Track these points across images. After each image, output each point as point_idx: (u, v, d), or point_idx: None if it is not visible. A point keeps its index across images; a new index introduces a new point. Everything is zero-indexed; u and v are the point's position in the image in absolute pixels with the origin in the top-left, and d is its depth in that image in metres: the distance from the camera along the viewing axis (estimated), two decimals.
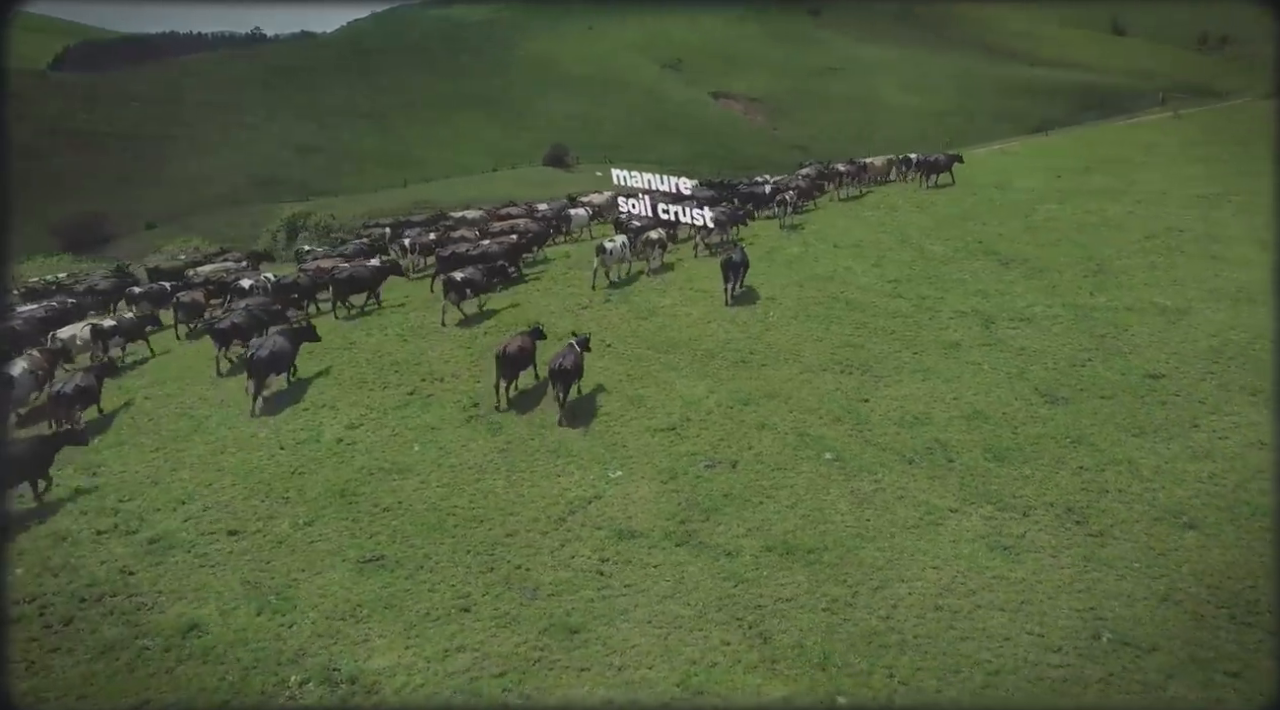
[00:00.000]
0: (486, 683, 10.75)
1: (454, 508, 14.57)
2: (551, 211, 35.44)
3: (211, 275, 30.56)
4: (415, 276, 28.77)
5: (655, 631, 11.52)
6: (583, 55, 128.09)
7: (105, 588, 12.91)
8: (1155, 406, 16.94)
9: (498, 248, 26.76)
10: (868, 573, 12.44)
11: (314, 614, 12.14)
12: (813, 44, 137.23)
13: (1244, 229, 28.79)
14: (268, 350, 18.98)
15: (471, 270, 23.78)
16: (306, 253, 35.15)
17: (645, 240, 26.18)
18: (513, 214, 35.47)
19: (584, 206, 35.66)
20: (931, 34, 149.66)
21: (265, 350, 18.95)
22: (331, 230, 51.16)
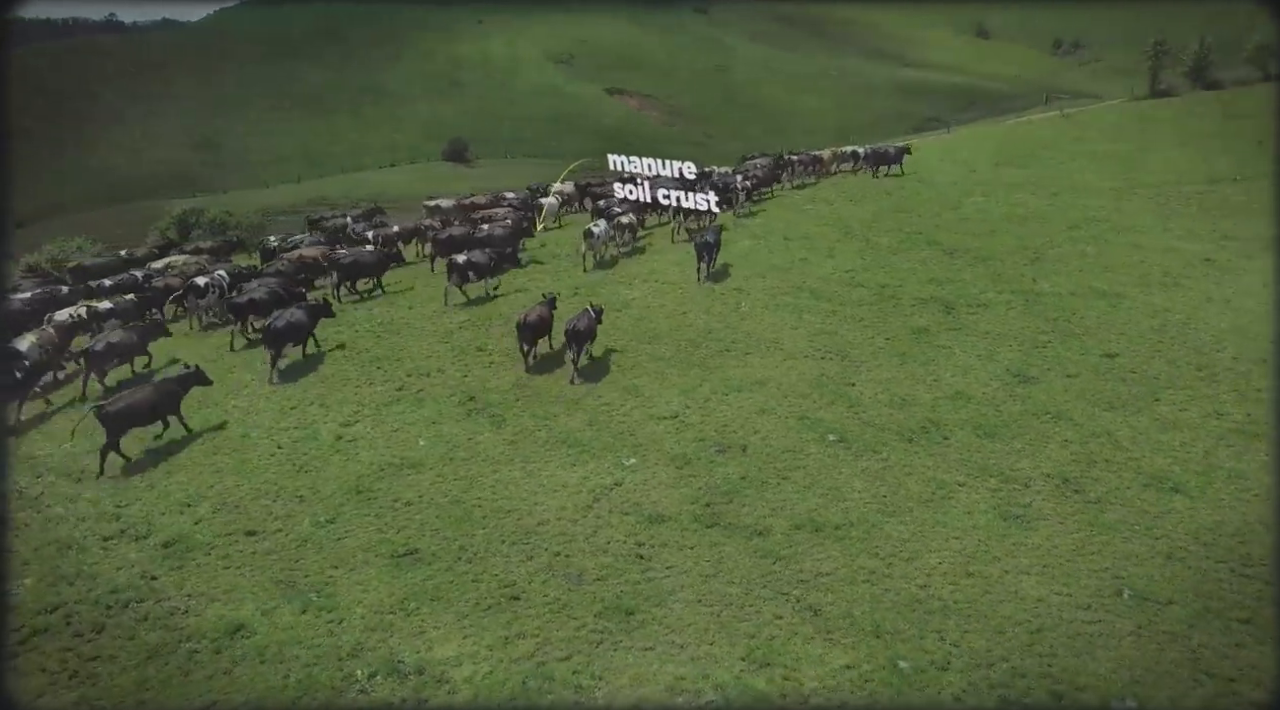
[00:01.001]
0: (554, 666, 10.81)
1: (477, 500, 14.51)
2: (519, 200, 36.03)
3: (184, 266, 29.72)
4: None
5: (707, 610, 11.76)
6: (475, 49, 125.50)
7: (130, 593, 12.44)
8: (1117, 383, 18.03)
9: (500, 232, 27.21)
10: (896, 545, 12.96)
11: (360, 610, 11.98)
12: (701, 42, 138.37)
13: (1154, 218, 30.74)
14: (284, 321, 19.74)
15: (477, 253, 24.14)
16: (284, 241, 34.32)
17: (616, 224, 27.18)
18: (478, 203, 35.39)
19: (555, 195, 36.24)
20: (813, 35, 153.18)
21: (282, 321, 19.72)
22: (228, 227, 49.40)
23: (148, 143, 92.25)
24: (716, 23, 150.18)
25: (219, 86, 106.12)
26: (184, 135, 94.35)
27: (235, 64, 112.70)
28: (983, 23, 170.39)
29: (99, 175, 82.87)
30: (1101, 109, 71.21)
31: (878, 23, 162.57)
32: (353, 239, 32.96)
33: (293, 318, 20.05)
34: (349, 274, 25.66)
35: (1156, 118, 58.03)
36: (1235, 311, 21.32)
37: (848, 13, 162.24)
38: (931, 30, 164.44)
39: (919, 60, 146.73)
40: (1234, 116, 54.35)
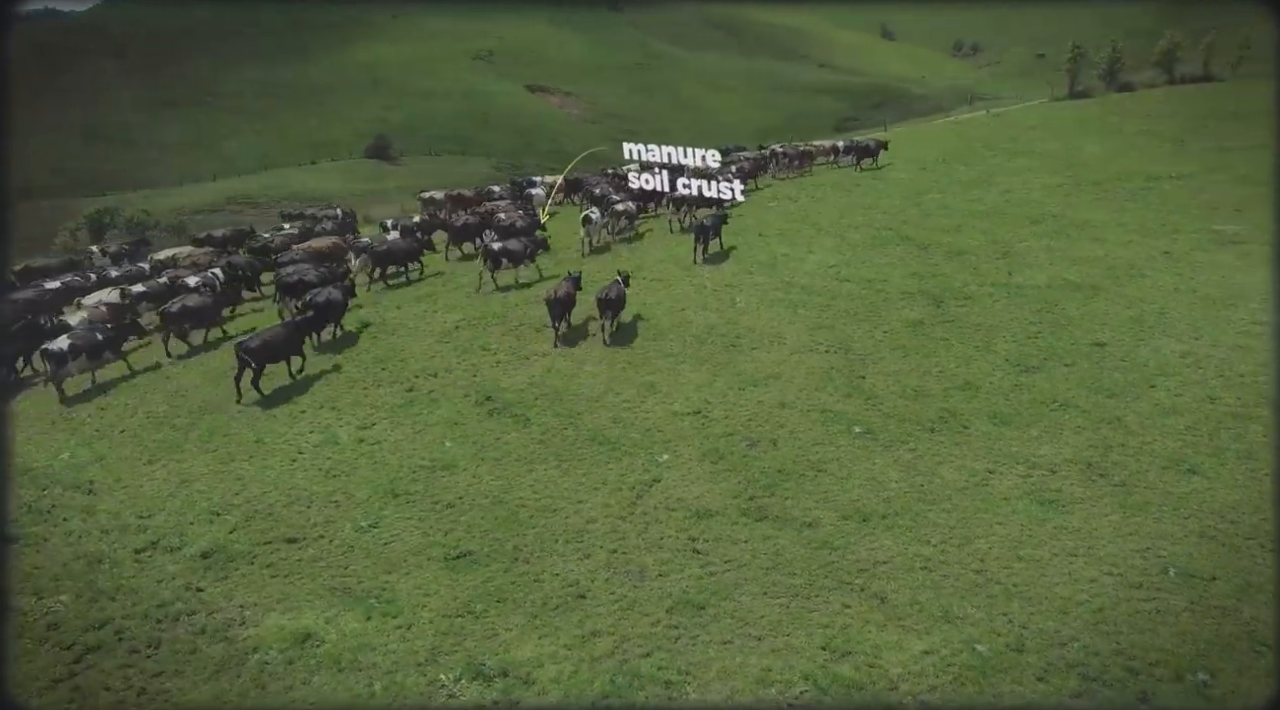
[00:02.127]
0: (638, 663, 10.72)
1: (520, 500, 14.31)
2: (506, 193, 36.60)
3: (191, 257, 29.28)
4: None
5: (776, 602, 11.80)
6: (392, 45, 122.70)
7: (179, 606, 11.94)
8: (1112, 371, 18.62)
9: (523, 222, 27.97)
10: (944, 532, 13.18)
11: (426, 614, 11.70)
12: (619, 41, 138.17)
13: (1105, 213, 31.78)
14: (324, 298, 20.91)
15: (512, 241, 25.20)
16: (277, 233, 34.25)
17: (613, 212, 28.35)
18: (465, 196, 35.84)
19: (540, 186, 36.73)
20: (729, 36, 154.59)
21: (322, 297, 20.88)
22: (146, 227, 47.66)
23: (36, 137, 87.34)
24: (633, 22, 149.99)
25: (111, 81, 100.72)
26: (76, 131, 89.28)
27: (127, 58, 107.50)
28: (886, 24, 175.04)
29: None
30: (1025, 109, 73.42)
31: (790, 24, 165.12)
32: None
33: (330, 296, 21.14)
34: (382, 261, 26.29)
35: (1081, 118, 60.07)
36: (1205, 301, 22.17)
37: (761, 14, 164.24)
38: (840, 31, 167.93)
39: (831, 61, 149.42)
40: (1152, 117, 56.72)
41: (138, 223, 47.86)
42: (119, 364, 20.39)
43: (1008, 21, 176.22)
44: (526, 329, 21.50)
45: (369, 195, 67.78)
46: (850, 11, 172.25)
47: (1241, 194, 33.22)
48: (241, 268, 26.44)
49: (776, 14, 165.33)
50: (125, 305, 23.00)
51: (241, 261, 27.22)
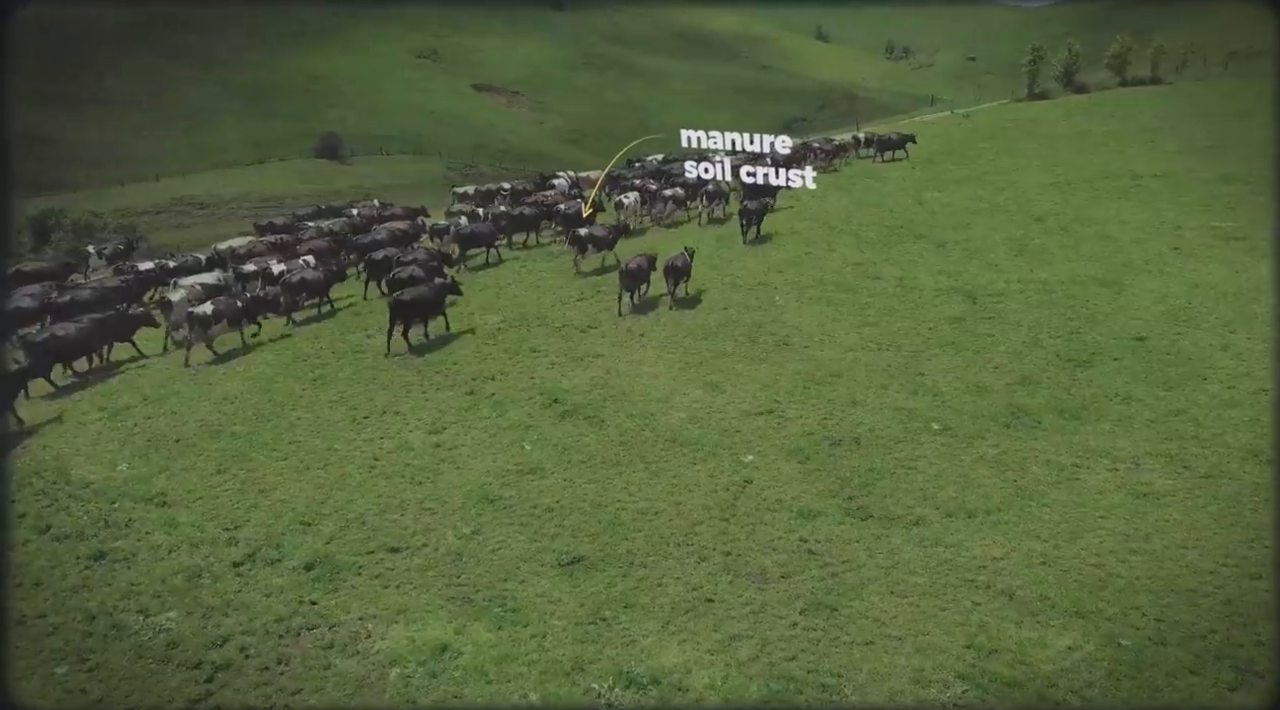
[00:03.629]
0: (786, 667, 10.55)
1: (617, 503, 14.03)
2: (533, 186, 37.49)
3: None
4: None
5: (906, 601, 11.69)
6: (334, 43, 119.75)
7: (298, 621, 11.47)
8: (1161, 365, 18.83)
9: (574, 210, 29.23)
10: (1051, 528, 13.17)
11: (557, 621, 11.39)
12: (563, 41, 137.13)
13: (1104, 210, 32.28)
14: (410, 295, 20.51)
15: (598, 227, 26.51)
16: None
17: (654, 195, 31.48)
18: (504, 189, 37.12)
19: (564, 177, 37.98)
20: (674, 37, 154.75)
21: (408, 295, 20.49)
22: (95, 229, 45.83)
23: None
24: (576, 23, 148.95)
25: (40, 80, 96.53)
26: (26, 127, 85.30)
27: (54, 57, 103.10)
28: (821, 26, 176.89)
29: None
30: (990, 111, 74.48)
31: (730, 26, 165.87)
32: None
33: (417, 294, 20.80)
34: (467, 244, 27.28)
35: (1048, 119, 61.09)
36: (1226, 296, 22.51)
37: (702, 16, 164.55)
38: (778, 34, 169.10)
39: (772, 63, 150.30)
40: (1117, 118, 57.94)
41: (85, 225, 45.87)
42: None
43: (934, 25, 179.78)
44: (570, 330, 21.16)
45: (322, 196, 65.95)
46: (787, 14, 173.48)
47: (1229, 192, 33.99)
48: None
49: (716, 16, 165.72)
50: (222, 286, 23.48)
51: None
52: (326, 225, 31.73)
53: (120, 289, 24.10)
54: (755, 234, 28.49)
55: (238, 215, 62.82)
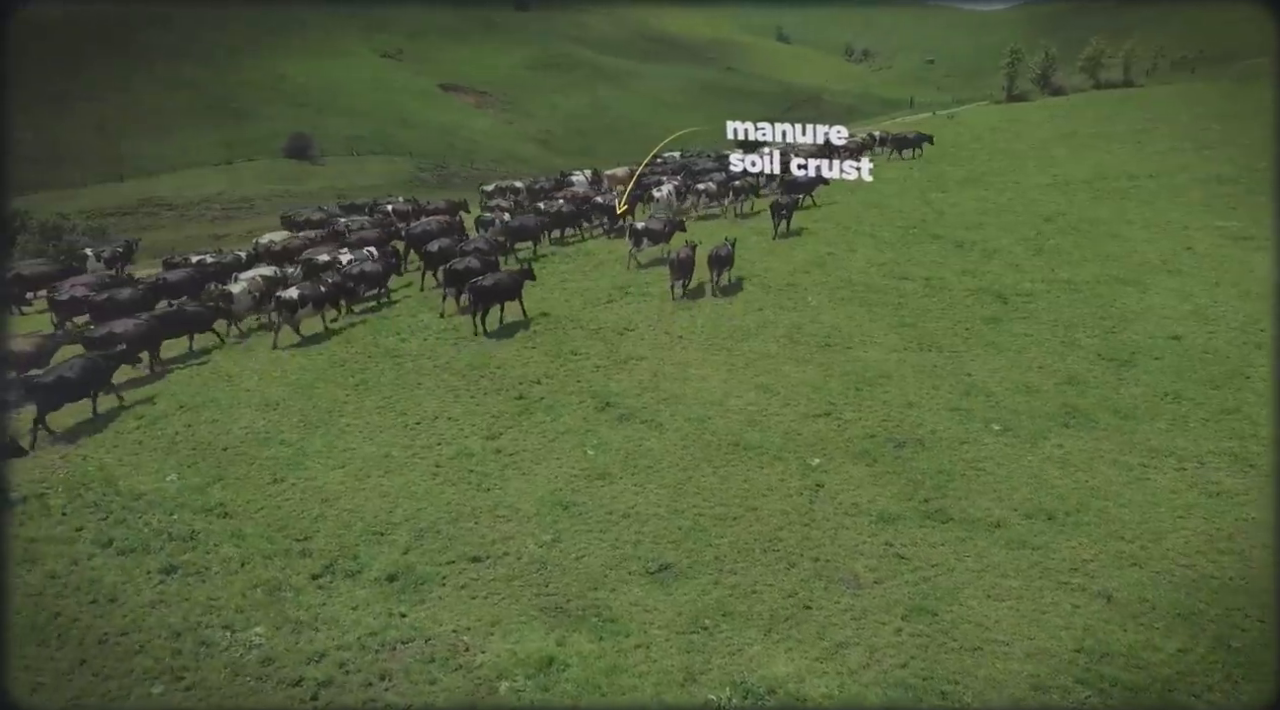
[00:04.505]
0: (898, 674, 10.37)
1: (694, 508, 13.78)
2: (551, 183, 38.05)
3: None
4: None
5: (1003, 605, 11.56)
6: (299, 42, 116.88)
7: (391, 634, 11.10)
8: (1202, 364, 18.91)
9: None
10: (1133, 528, 13.11)
11: (657, 631, 11.12)
12: (528, 40, 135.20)
13: (1108, 211, 32.57)
14: (491, 281, 21.13)
15: (654, 221, 26.89)
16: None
17: (690, 189, 32.32)
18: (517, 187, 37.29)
19: (581, 174, 38.36)
20: (638, 38, 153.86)
21: (489, 281, 21.09)
22: (63, 231, 44.64)
23: None
24: (541, 22, 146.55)
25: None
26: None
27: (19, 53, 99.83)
28: (781, 28, 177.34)
29: None
30: (971, 113, 75.03)
31: (697, 27, 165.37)
32: None
33: (497, 279, 21.46)
34: (515, 237, 27.66)
35: (1033, 121, 61.67)
36: (1248, 295, 22.68)
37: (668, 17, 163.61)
38: (741, 35, 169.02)
39: (736, 64, 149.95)
40: (1099, 119, 58.67)
41: (53, 227, 44.62)
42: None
43: (892, 28, 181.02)
44: (607, 332, 20.86)
45: (294, 196, 64.75)
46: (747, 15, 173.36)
47: (1226, 192, 34.48)
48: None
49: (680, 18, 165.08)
50: (278, 279, 23.32)
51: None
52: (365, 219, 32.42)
53: (182, 283, 23.90)
54: (785, 228, 28.87)
55: (207, 216, 61.42)
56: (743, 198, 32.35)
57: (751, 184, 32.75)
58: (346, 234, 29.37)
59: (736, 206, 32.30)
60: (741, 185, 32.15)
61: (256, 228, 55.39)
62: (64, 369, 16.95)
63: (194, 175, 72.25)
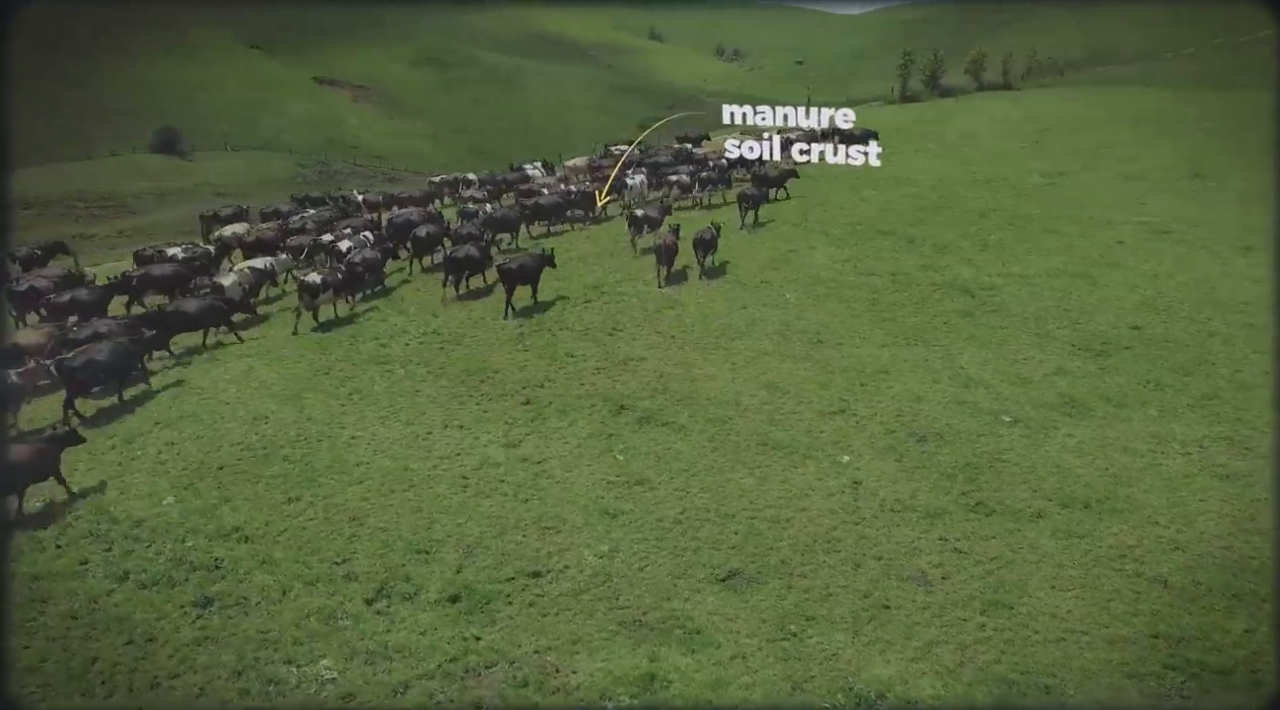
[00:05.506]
0: (996, 670, 10.39)
1: (744, 511, 13.53)
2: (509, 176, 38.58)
3: None
4: None
5: (1068, 595, 11.74)
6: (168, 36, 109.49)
7: (471, 659, 10.49)
8: (1167, 352, 19.60)
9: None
10: (1164, 513, 13.48)
11: (746, 640, 10.83)
12: (407, 35, 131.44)
13: (1035, 206, 33.73)
14: (517, 264, 21.44)
15: (651, 208, 27.25)
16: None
17: (667, 181, 32.26)
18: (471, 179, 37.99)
19: (532, 166, 39.35)
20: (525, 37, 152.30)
21: (515, 264, 21.44)
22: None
23: None
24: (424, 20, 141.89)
25: None
26: None
27: None
28: (654, 27, 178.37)
29: None
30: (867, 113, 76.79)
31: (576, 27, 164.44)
32: None
33: (523, 261, 21.83)
34: (497, 228, 27.32)
35: (930, 120, 63.54)
36: (1185, 286, 23.71)
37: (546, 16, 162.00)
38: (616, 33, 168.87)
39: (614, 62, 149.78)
40: (995, 120, 60.99)
41: None
42: None
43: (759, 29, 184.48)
44: (596, 333, 20.35)
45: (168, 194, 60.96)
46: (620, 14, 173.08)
47: (1135, 190, 36.24)
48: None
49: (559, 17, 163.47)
50: (268, 271, 23.59)
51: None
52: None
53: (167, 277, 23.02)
54: (754, 219, 29.11)
55: (70, 215, 57.16)
56: (710, 189, 32.57)
57: (721, 176, 32.97)
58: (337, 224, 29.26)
59: (704, 198, 32.68)
60: (708, 177, 32.41)
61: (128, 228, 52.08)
62: (93, 352, 16.47)
63: (50, 171, 66.30)
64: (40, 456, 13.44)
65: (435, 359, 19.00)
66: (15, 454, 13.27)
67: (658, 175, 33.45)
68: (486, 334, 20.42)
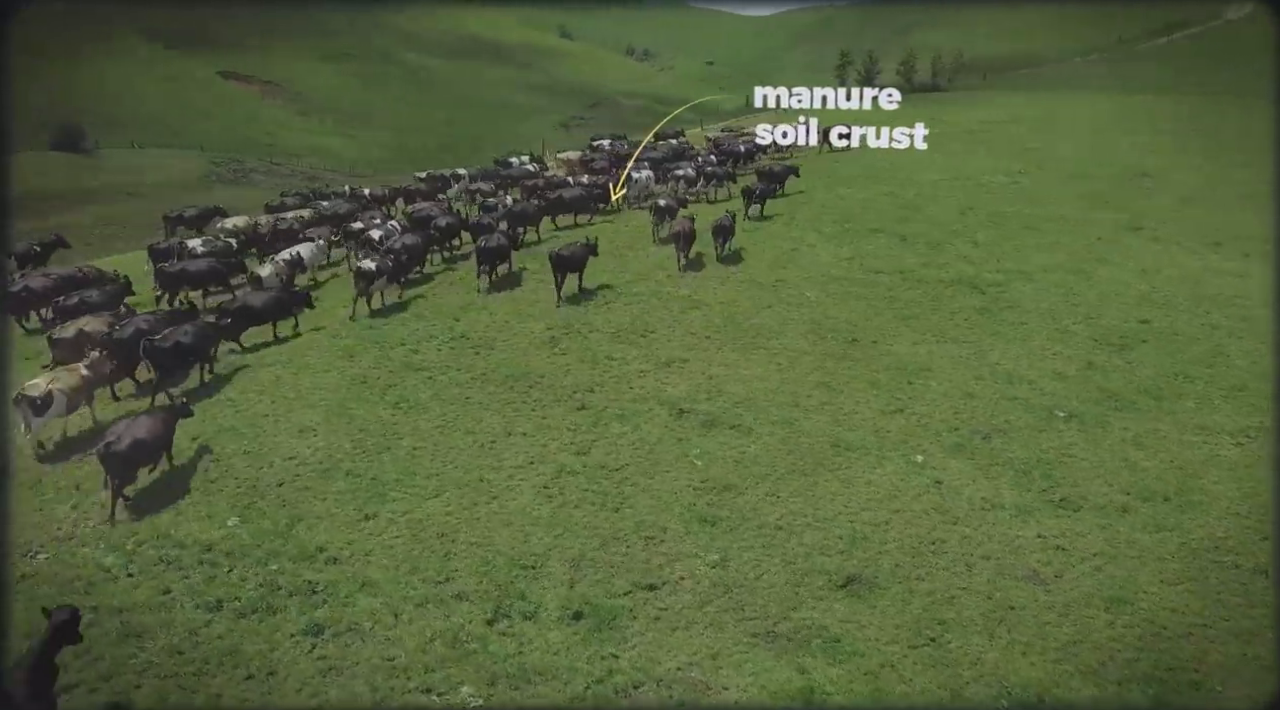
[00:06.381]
0: (1139, 667, 10.30)
1: (840, 514, 13.23)
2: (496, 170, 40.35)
3: None
4: None
5: (1179, 588, 11.76)
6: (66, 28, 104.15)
7: (618, 680, 9.99)
8: (1181, 345, 20.00)
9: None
10: (1240, 503, 13.56)
11: (887, 647, 10.59)
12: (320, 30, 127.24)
13: (1009, 204, 34.34)
14: (569, 251, 21.94)
15: (670, 199, 28.08)
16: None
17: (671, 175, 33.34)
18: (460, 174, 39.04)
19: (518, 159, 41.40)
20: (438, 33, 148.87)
21: (567, 251, 21.91)
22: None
23: None
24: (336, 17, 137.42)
25: None
26: None
27: None
28: (564, 26, 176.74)
29: None
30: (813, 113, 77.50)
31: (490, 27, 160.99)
32: None
33: (575, 250, 22.21)
34: (516, 222, 27.14)
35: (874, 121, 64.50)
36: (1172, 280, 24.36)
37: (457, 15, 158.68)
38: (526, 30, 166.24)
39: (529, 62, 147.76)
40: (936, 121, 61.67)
41: None
42: None
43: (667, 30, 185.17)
44: (629, 334, 19.86)
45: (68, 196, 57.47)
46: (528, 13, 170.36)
47: (1092, 190, 37.05)
48: None
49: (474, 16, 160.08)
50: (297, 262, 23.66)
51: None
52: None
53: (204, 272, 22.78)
54: (759, 212, 30.36)
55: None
56: (714, 184, 33.27)
57: (726, 172, 33.98)
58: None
59: (710, 192, 33.43)
60: (714, 172, 33.28)
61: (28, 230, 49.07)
62: (179, 334, 16.76)
63: None
64: (165, 428, 13.85)
65: (474, 364, 18.24)
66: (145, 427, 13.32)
67: (663, 170, 33.84)
68: (516, 338, 19.72)
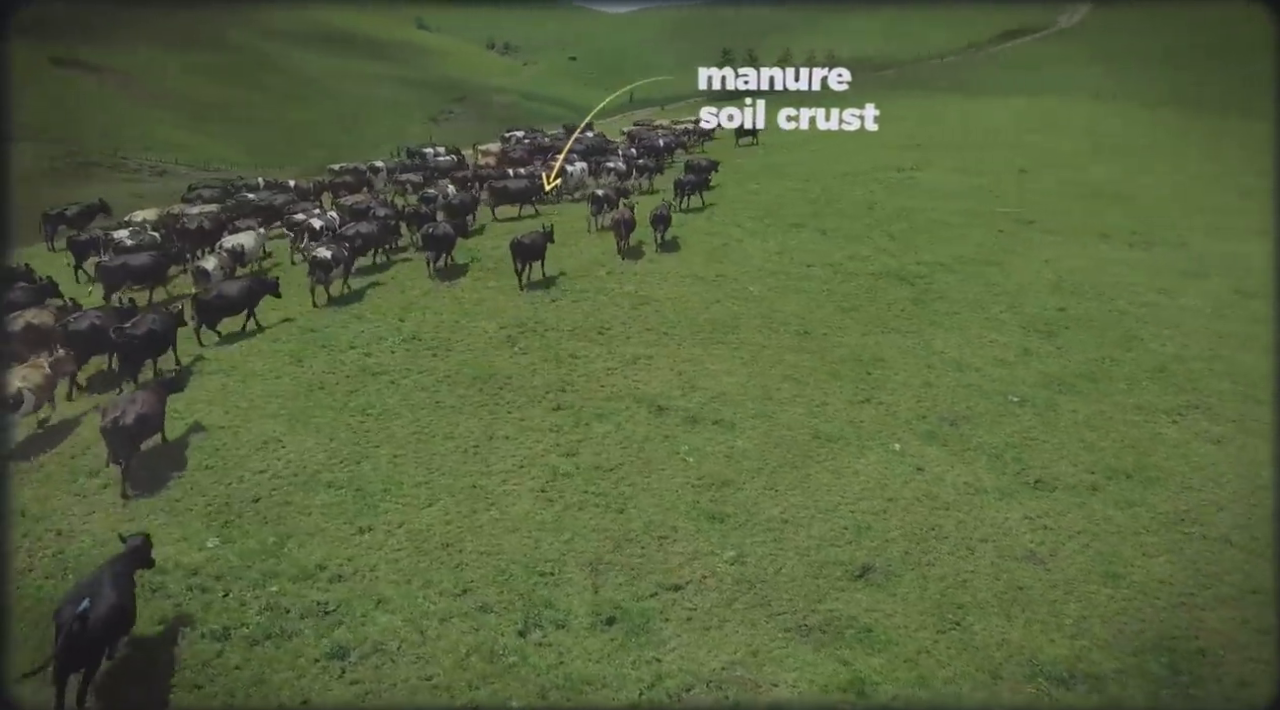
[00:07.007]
0: (1147, 639, 10.76)
1: (839, 504, 13.34)
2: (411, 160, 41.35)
3: None
4: None
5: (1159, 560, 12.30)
6: None
7: (667, 684, 9.81)
8: (1097, 330, 21.14)
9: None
10: (1192, 477, 14.29)
11: (919, 635, 10.73)
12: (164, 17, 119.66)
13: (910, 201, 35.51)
14: (529, 240, 22.29)
15: (608, 189, 29.20)
16: None
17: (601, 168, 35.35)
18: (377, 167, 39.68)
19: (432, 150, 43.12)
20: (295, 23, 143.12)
21: (527, 239, 22.28)
22: None
23: None
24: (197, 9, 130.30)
25: None
26: None
27: None
28: (421, 18, 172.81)
29: None
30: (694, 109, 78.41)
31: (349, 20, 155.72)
32: None
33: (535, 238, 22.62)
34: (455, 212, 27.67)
35: None
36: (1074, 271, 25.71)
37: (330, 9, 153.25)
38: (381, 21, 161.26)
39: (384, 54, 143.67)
40: None
41: None
42: None
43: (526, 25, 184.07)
44: (587, 331, 19.56)
45: None
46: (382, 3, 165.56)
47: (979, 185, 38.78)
48: None
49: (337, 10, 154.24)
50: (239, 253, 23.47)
51: None
52: None
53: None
54: (687, 204, 31.75)
55: None
56: (646, 176, 34.74)
57: (657, 165, 35.61)
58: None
59: (640, 184, 34.52)
60: (644, 165, 34.81)
61: None
62: (149, 322, 16.91)
63: None
64: (160, 403, 13.97)
65: (435, 367, 17.54)
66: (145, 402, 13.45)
67: (593, 162, 35.10)
68: (471, 338, 19.10)
